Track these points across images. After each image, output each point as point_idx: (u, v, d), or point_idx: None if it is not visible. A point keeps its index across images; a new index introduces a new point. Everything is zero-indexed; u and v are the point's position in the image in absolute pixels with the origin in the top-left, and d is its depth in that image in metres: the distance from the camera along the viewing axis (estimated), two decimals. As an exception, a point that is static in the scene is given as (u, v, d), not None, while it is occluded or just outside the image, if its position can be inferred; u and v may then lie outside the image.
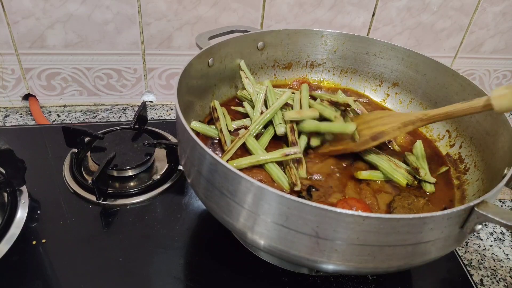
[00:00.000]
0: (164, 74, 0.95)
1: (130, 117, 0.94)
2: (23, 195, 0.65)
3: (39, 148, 0.77)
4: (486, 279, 0.65)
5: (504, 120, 0.57)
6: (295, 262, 0.50)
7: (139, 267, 0.58)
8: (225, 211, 0.48)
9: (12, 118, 0.90)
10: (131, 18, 0.85)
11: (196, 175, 0.50)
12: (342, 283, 0.59)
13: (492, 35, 1.04)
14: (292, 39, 0.77)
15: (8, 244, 0.58)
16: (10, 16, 0.80)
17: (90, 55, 0.88)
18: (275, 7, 0.90)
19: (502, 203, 0.79)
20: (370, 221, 0.40)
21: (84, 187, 0.69)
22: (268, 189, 0.41)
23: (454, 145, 0.69)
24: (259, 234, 0.46)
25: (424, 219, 0.40)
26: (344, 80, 0.82)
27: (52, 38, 0.85)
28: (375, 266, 0.45)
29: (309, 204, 0.39)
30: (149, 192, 0.70)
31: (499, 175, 0.53)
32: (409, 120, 0.59)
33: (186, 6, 0.86)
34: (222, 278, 0.58)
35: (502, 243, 0.71)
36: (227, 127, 0.64)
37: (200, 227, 0.66)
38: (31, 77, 0.89)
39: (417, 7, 0.96)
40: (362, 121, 0.65)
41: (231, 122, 0.66)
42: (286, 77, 0.82)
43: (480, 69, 1.11)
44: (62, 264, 0.58)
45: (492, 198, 0.45)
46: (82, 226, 0.63)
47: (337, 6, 0.92)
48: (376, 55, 0.77)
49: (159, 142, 0.73)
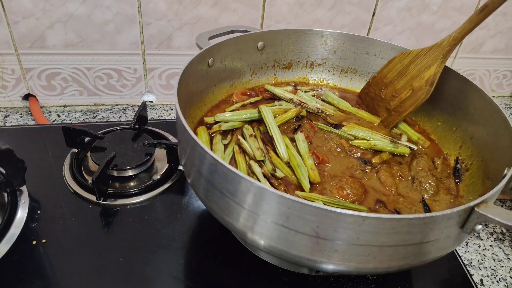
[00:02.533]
0: (164, 74, 0.95)
1: (130, 117, 0.94)
2: (23, 195, 0.65)
3: (39, 148, 0.77)
4: (486, 279, 0.65)
5: (504, 120, 0.57)
6: (295, 262, 0.50)
7: (139, 267, 0.58)
8: (225, 211, 0.48)
9: (12, 118, 0.90)
10: (131, 18, 0.85)
11: (196, 175, 0.50)
12: (342, 283, 0.59)
13: (492, 35, 1.04)
14: (292, 39, 0.77)
15: (8, 244, 0.58)
16: (10, 16, 0.80)
17: (90, 55, 0.88)
18: (275, 7, 0.90)
19: (502, 203, 0.79)
20: (370, 221, 0.40)
21: (84, 187, 0.69)
22: (268, 189, 0.41)
23: (454, 145, 0.69)
24: (259, 234, 0.46)
25: (424, 219, 0.40)
26: (344, 80, 0.82)
27: (52, 38, 0.85)
28: (375, 266, 0.45)
29: (309, 204, 0.39)
30: (149, 192, 0.70)
31: (499, 175, 0.53)
32: (446, 51, 0.62)
33: (186, 6, 0.86)
34: (222, 278, 0.58)
35: (502, 243, 0.71)
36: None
37: (200, 227, 0.66)
38: (31, 77, 0.89)
39: (417, 7, 0.96)
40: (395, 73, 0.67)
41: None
42: (286, 77, 0.82)
43: (480, 69, 1.11)
44: (62, 264, 0.58)
45: (492, 198, 0.45)
46: (82, 226, 0.63)
47: (337, 6, 0.92)
48: (376, 55, 0.77)
49: (159, 142, 0.73)
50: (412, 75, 0.65)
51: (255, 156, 0.59)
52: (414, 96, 0.65)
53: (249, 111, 0.68)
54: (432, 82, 0.63)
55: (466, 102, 0.66)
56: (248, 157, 0.60)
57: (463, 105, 0.67)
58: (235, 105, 0.72)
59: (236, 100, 0.74)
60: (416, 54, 0.66)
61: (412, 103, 0.65)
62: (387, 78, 0.70)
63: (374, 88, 0.72)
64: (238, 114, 0.67)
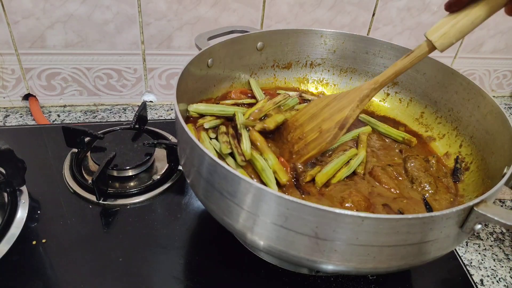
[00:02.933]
0: (164, 74, 0.95)
1: (130, 117, 0.94)
2: (23, 195, 0.65)
3: (39, 148, 0.77)
4: (486, 279, 0.65)
5: (504, 119, 0.57)
6: (295, 262, 0.50)
7: (139, 267, 0.58)
8: (224, 212, 0.48)
9: (12, 118, 0.90)
10: (131, 18, 0.85)
11: (196, 175, 0.50)
12: (342, 283, 0.59)
13: (492, 35, 1.04)
14: (292, 39, 0.77)
15: (8, 244, 0.58)
16: (10, 16, 0.80)
17: (90, 55, 0.88)
18: (275, 7, 0.90)
19: (502, 203, 0.79)
20: (369, 221, 0.40)
21: (84, 187, 0.69)
22: (267, 190, 0.41)
23: (454, 144, 0.69)
24: (259, 235, 0.46)
25: (423, 219, 0.41)
26: (344, 80, 0.82)
27: (52, 38, 0.85)
28: (374, 266, 0.45)
29: (309, 205, 0.39)
30: (149, 192, 0.70)
31: (499, 174, 0.53)
32: (364, 95, 0.58)
33: (186, 6, 0.86)
34: (222, 278, 0.58)
35: (502, 243, 0.71)
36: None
37: (200, 227, 0.66)
38: (31, 77, 0.89)
39: (417, 7, 0.95)
40: (307, 116, 0.61)
41: None
42: (285, 77, 0.82)
43: (480, 69, 1.11)
44: (62, 264, 0.58)
45: (492, 198, 0.45)
46: (82, 226, 0.63)
47: (337, 6, 0.92)
48: (376, 55, 0.77)
49: (159, 142, 0.73)
50: (323, 117, 0.60)
51: (221, 150, 0.58)
52: (320, 138, 0.59)
53: (223, 107, 0.68)
54: (342, 125, 0.57)
55: (466, 102, 0.66)
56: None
57: (463, 105, 0.67)
58: (226, 101, 0.72)
59: (233, 98, 0.73)
60: (333, 98, 0.61)
61: (316, 145, 0.59)
62: (298, 122, 0.63)
63: (283, 131, 0.64)
64: (211, 107, 0.66)
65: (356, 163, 0.61)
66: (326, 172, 0.58)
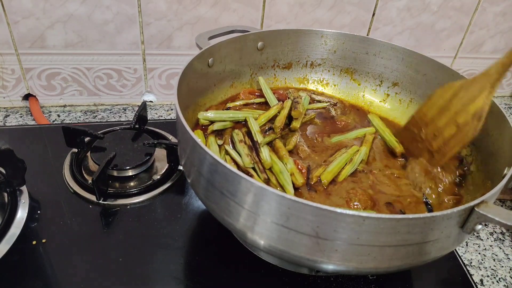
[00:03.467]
0: (164, 74, 0.95)
1: (130, 117, 0.94)
2: (23, 195, 0.65)
3: (39, 148, 0.77)
4: (486, 279, 0.65)
5: (504, 120, 0.57)
6: (295, 262, 0.50)
7: (139, 267, 0.58)
8: (225, 211, 0.48)
9: (12, 118, 0.90)
10: (131, 18, 0.85)
11: (196, 175, 0.50)
12: (342, 283, 0.59)
13: (492, 35, 1.04)
14: (292, 39, 0.77)
15: (8, 244, 0.58)
16: (10, 16, 0.80)
17: (90, 55, 0.88)
18: (275, 7, 0.90)
19: (502, 203, 0.79)
20: (370, 221, 0.40)
21: (84, 187, 0.69)
22: (268, 189, 0.41)
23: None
24: (259, 235, 0.46)
25: (424, 219, 0.40)
26: (344, 80, 0.82)
27: (52, 38, 0.85)
28: (375, 266, 0.45)
29: (310, 204, 0.39)
30: (149, 192, 0.70)
31: (499, 175, 0.53)
32: (494, 79, 0.54)
33: (186, 6, 0.86)
34: (222, 278, 0.58)
35: (502, 243, 0.71)
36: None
37: (200, 227, 0.66)
38: (31, 77, 0.89)
39: (417, 7, 0.96)
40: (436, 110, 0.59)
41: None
42: (286, 77, 0.82)
43: (480, 69, 1.10)
44: (62, 264, 0.58)
45: (492, 198, 0.45)
46: (82, 226, 0.63)
47: (337, 6, 0.92)
48: (376, 55, 0.77)
49: (159, 142, 0.73)
50: (456, 110, 0.57)
51: (244, 163, 0.58)
52: (460, 134, 0.56)
53: (233, 112, 0.68)
54: (479, 116, 0.54)
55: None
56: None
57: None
58: (236, 102, 0.72)
59: (242, 98, 0.74)
60: (459, 87, 0.58)
61: (458, 141, 0.57)
62: (427, 117, 0.61)
63: (413, 129, 0.64)
64: (220, 113, 0.67)
65: (358, 159, 0.62)
66: (331, 169, 0.59)
